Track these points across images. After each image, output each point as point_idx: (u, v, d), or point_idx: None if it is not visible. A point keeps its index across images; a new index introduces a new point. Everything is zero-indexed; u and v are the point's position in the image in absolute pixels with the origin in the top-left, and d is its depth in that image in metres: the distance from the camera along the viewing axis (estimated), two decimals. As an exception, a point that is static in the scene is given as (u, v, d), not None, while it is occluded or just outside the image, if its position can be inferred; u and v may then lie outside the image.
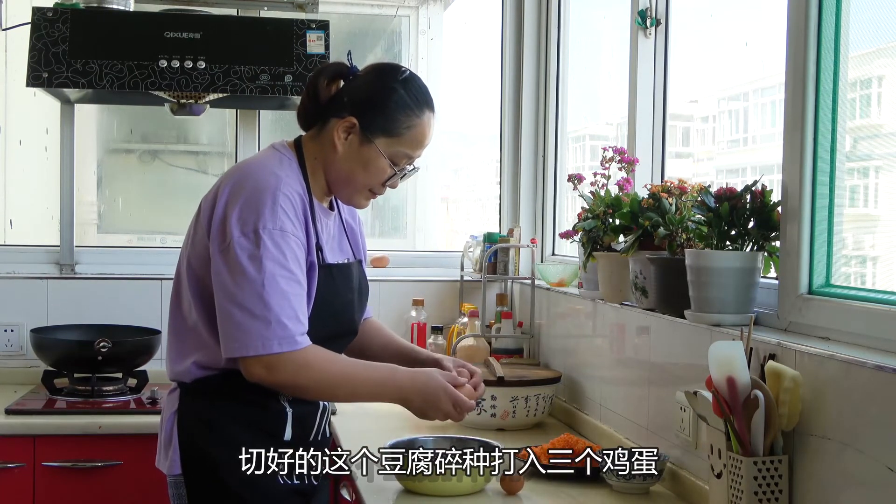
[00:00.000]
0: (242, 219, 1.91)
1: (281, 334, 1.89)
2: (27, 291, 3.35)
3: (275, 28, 3.18)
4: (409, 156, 2.07)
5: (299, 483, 2.08)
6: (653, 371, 2.37)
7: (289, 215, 1.93)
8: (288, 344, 1.89)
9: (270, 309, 1.88)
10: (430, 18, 4.29)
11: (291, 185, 1.98)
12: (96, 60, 3.02)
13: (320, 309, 2.03)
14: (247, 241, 1.89)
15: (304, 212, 1.99)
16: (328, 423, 2.21)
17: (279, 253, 1.90)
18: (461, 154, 4.81)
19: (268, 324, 1.88)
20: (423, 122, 2.05)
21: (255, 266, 1.88)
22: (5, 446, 2.77)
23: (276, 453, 1.99)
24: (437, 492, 2.13)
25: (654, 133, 2.80)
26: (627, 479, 2.15)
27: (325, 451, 2.14)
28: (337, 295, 2.09)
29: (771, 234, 2.04)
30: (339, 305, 2.10)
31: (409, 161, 2.08)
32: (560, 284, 3.17)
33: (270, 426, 2.05)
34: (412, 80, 2.08)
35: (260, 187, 1.94)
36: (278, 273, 1.89)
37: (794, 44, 1.96)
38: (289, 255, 1.92)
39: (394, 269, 3.68)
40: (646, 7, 2.75)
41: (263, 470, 1.98)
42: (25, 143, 3.96)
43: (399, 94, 2.04)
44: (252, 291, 1.88)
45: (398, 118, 2.03)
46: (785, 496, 1.78)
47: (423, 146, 2.08)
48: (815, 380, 1.72)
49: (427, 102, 2.07)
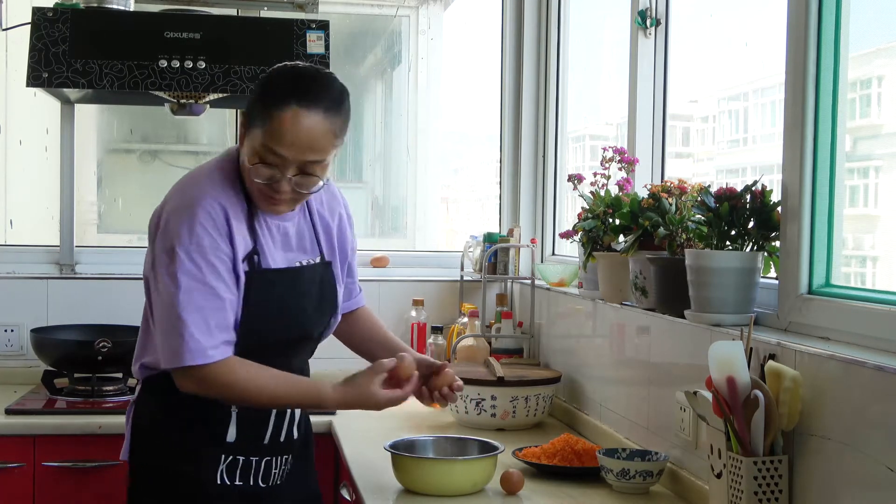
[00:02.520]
0: (163, 236, 1.99)
1: (193, 348, 1.94)
2: (27, 291, 3.35)
3: (275, 28, 3.18)
4: (274, 151, 1.93)
5: (242, 484, 2.10)
6: (653, 371, 2.37)
7: (207, 229, 1.97)
8: (199, 357, 1.95)
9: (185, 324, 1.94)
10: (430, 18, 4.28)
11: (215, 198, 1.99)
12: (96, 60, 3.02)
13: (257, 315, 2.03)
14: (165, 258, 1.97)
15: (229, 222, 1.99)
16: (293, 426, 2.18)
17: (195, 268, 1.95)
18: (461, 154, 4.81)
19: (181, 338, 1.94)
20: (283, 114, 1.92)
21: (172, 282, 1.96)
22: (5, 446, 2.77)
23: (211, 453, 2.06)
24: (437, 492, 2.13)
25: (654, 133, 2.80)
26: (627, 479, 2.15)
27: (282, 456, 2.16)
28: (276, 301, 2.06)
29: (771, 234, 2.04)
30: (282, 311, 2.07)
31: (280, 160, 1.94)
32: (560, 284, 3.17)
33: (212, 427, 2.07)
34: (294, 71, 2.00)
35: (181, 205, 1.99)
36: (194, 288, 1.95)
37: (794, 44, 1.96)
38: (206, 270, 1.96)
39: (394, 269, 3.67)
40: (646, 7, 2.75)
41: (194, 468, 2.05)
42: (25, 143, 3.96)
43: (270, 82, 1.99)
44: (169, 306, 1.96)
45: (263, 107, 1.94)
46: (785, 496, 1.78)
47: (287, 144, 1.93)
48: (815, 380, 1.72)
49: (296, 94, 1.93)
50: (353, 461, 2.42)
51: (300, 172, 1.97)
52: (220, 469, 2.08)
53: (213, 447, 2.07)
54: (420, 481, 2.15)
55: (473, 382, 2.77)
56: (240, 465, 2.09)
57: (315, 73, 2.01)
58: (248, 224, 2.03)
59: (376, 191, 4.31)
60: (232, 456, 2.09)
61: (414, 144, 4.27)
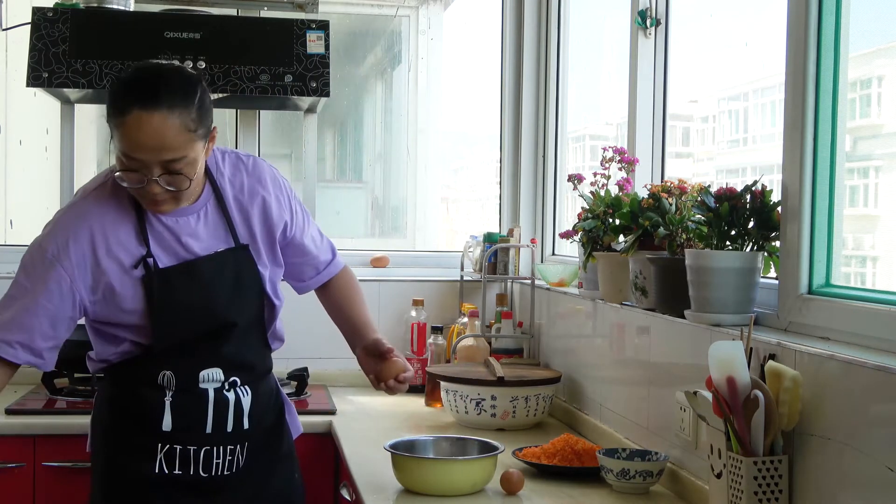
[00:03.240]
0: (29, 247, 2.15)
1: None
2: (27, 291, 3.34)
3: (275, 28, 3.18)
4: (128, 156, 1.94)
5: (181, 473, 2.12)
6: (653, 371, 2.37)
7: (56, 251, 2.06)
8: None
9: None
10: (430, 18, 4.29)
11: (82, 215, 2.07)
12: (96, 60, 3.02)
13: (161, 315, 2.07)
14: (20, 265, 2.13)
15: (93, 240, 2.05)
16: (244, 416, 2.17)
17: (28, 281, 2.08)
18: (461, 154, 4.81)
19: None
20: (127, 121, 1.91)
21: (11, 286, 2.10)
22: (5, 446, 2.77)
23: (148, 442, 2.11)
24: (437, 492, 2.13)
25: (654, 133, 2.80)
26: (627, 479, 2.15)
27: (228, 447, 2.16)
28: (180, 297, 2.08)
29: (771, 234, 2.04)
30: (185, 306, 2.09)
31: (136, 164, 1.95)
32: (560, 284, 3.17)
33: (147, 415, 2.12)
34: (128, 79, 1.98)
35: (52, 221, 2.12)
36: (18, 296, 2.07)
37: (794, 44, 1.96)
38: (36, 286, 2.06)
39: (394, 269, 3.68)
40: (646, 7, 2.75)
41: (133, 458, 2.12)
42: (25, 143, 3.96)
43: (112, 90, 1.98)
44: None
45: (111, 116, 1.95)
46: (785, 496, 1.78)
47: (136, 148, 1.93)
48: (815, 380, 1.72)
49: (135, 98, 1.92)
50: (353, 461, 2.42)
51: (165, 172, 1.97)
52: (159, 458, 2.12)
53: (150, 437, 2.12)
54: (420, 481, 2.14)
55: (473, 382, 2.77)
56: (178, 454, 2.12)
57: (156, 71, 2.00)
58: (138, 229, 2.07)
59: (376, 191, 4.31)
60: (169, 445, 2.12)
61: (414, 144, 4.27)
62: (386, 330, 3.50)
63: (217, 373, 2.13)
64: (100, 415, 2.21)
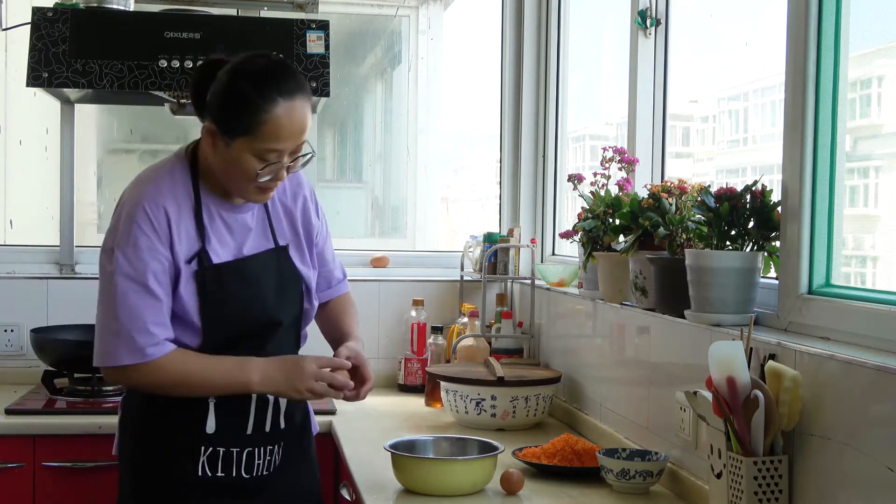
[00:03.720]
0: (105, 237, 2.07)
1: (130, 346, 1.99)
2: (27, 291, 3.35)
3: (275, 28, 3.18)
4: (275, 150, 1.98)
5: (224, 475, 2.11)
6: (653, 371, 2.37)
7: (145, 231, 2.01)
8: (137, 356, 2.00)
9: (121, 323, 2.00)
10: (430, 18, 4.28)
11: (158, 198, 2.03)
12: (96, 60, 3.02)
13: (214, 311, 2.07)
14: (105, 258, 2.03)
15: (170, 223, 2.03)
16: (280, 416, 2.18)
17: (131, 268, 2.00)
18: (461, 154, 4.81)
19: (118, 337, 2.00)
20: (275, 115, 1.95)
21: (109, 282, 2.02)
22: (5, 446, 2.77)
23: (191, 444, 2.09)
24: (437, 492, 2.13)
25: (654, 133, 2.80)
26: (627, 479, 2.15)
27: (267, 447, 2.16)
28: (232, 293, 2.08)
29: (771, 234, 2.04)
30: (237, 303, 2.09)
31: (279, 154, 1.99)
32: (560, 284, 3.17)
33: (191, 418, 2.10)
34: (260, 71, 1.98)
35: (123, 205, 2.06)
36: (129, 288, 2.00)
37: (794, 44, 1.96)
38: (141, 270, 2.00)
39: (394, 269, 3.67)
40: (646, 7, 2.75)
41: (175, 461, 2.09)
42: (25, 143, 3.96)
43: (243, 90, 1.96)
44: (107, 307, 2.02)
45: (246, 116, 1.96)
46: (785, 496, 1.78)
47: (287, 138, 1.97)
48: (815, 380, 1.72)
49: (280, 91, 1.95)
50: (353, 461, 2.42)
51: (292, 156, 2.03)
52: (201, 461, 2.10)
53: (193, 439, 2.10)
54: (420, 481, 2.14)
55: (473, 382, 2.77)
56: (221, 457, 2.11)
57: (273, 61, 2.02)
58: (197, 223, 2.07)
59: (376, 191, 4.31)
60: (212, 447, 2.10)
61: (414, 144, 4.27)
62: (386, 330, 3.52)
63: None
64: (133, 417, 2.15)
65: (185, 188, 2.07)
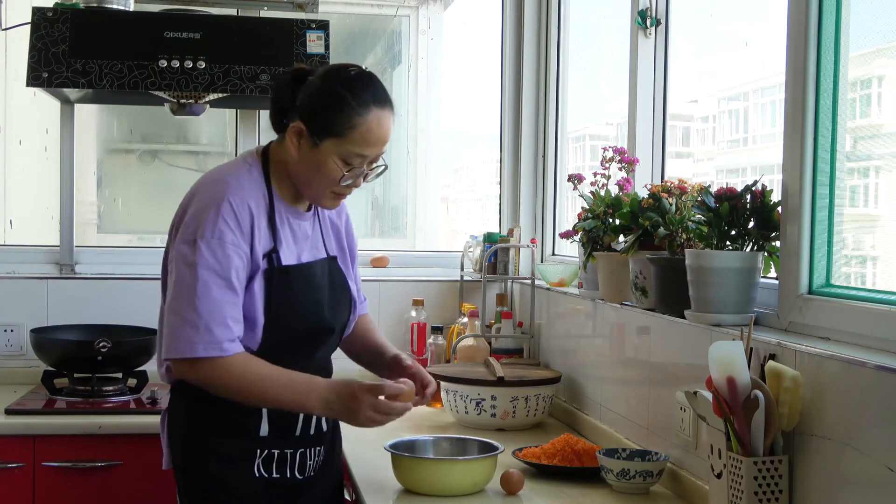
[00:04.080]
0: (186, 228, 2.03)
1: (207, 339, 1.97)
2: (27, 291, 3.35)
3: (275, 28, 3.18)
4: (361, 155, 2.04)
5: (279, 477, 2.13)
6: (653, 371, 2.37)
7: (229, 224, 2.01)
8: (214, 350, 1.98)
9: (200, 315, 1.97)
10: (430, 18, 4.29)
11: (241, 195, 2.04)
12: (96, 60, 3.02)
13: (280, 312, 2.08)
14: (186, 249, 2.01)
15: (252, 221, 2.04)
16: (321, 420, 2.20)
17: (214, 261, 1.99)
18: (461, 154, 4.81)
19: (196, 329, 1.97)
20: (368, 121, 2.02)
21: (190, 273, 1.99)
22: (5, 446, 2.77)
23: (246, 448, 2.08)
24: (437, 492, 2.13)
25: (654, 133, 2.80)
26: (627, 479, 2.15)
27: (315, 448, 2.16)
28: (297, 298, 2.10)
29: (771, 234, 2.04)
30: (300, 306, 2.11)
31: (363, 160, 2.05)
32: (560, 284, 3.17)
33: (245, 422, 2.10)
34: (356, 77, 2.06)
35: (207, 198, 2.04)
36: (211, 280, 1.98)
37: (794, 44, 1.96)
38: (224, 263, 1.99)
39: (394, 269, 3.67)
40: (646, 7, 2.75)
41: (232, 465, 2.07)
42: (25, 143, 3.96)
43: (339, 93, 2.02)
44: (185, 298, 1.99)
45: (340, 118, 2.02)
46: (785, 496, 1.78)
47: (374, 144, 2.04)
48: (815, 380, 1.72)
49: (374, 99, 2.03)
50: (353, 461, 2.42)
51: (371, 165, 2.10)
52: (257, 463, 2.11)
53: (248, 442, 2.09)
54: (420, 481, 2.15)
55: (473, 382, 2.77)
56: (275, 459, 2.12)
57: (369, 73, 2.10)
58: (270, 224, 2.09)
59: (376, 191, 4.31)
60: (267, 450, 2.11)
61: (414, 144, 4.27)
62: (386, 330, 3.51)
63: None
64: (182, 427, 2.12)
65: (261, 189, 2.10)
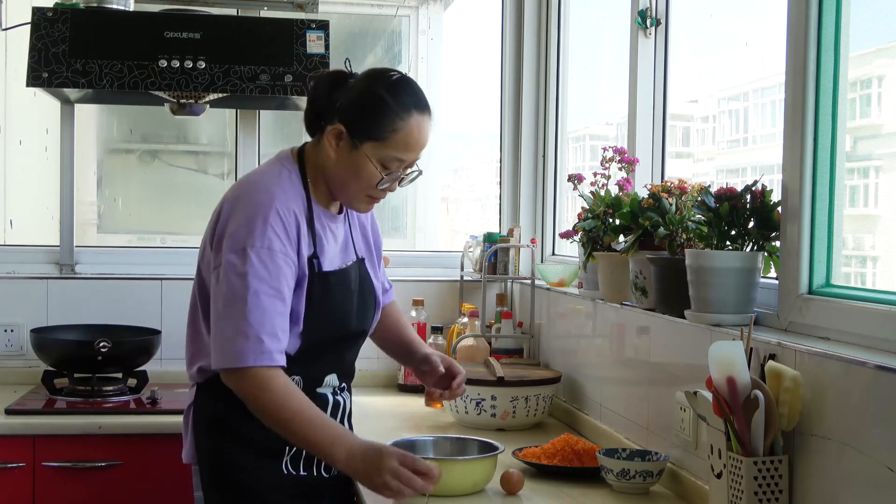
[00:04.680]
0: (234, 237, 2.00)
1: (257, 349, 1.96)
2: (27, 291, 3.35)
3: (275, 28, 3.18)
4: (400, 159, 2.06)
5: (306, 475, 2.14)
6: (653, 371, 2.37)
7: (278, 234, 2.00)
8: (264, 359, 1.96)
9: (251, 325, 1.96)
10: (430, 18, 4.28)
11: (287, 202, 2.04)
12: (96, 60, 3.02)
13: (317, 317, 2.09)
14: (236, 259, 1.98)
15: (298, 227, 2.05)
16: (345, 419, 2.23)
17: (265, 271, 1.98)
18: (461, 154, 4.81)
19: (247, 338, 1.96)
20: (409, 125, 2.04)
21: (241, 283, 1.97)
22: (5, 446, 2.77)
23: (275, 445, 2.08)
24: (437, 492, 2.13)
25: (654, 133, 2.80)
26: (627, 479, 2.15)
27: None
28: (333, 303, 2.12)
29: (771, 234, 2.04)
30: (336, 312, 2.14)
31: (400, 164, 2.07)
32: (560, 284, 3.17)
33: None
34: (399, 82, 2.07)
35: (253, 206, 2.02)
36: (262, 290, 1.98)
37: (794, 44, 1.96)
38: (274, 273, 1.99)
39: (394, 269, 3.66)
40: (646, 7, 2.75)
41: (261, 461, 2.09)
42: (25, 143, 3.96)
43: (382, 97, 2.04)
44: (235, 308, 1.97)
45: (382, 122, 2.03)
46: (785, 496, 1.78)
47: (414, 149, 2.07)
48: (815, 380, 1.72)
49: (416, 104, 2.05)
50: (353, 461, 2.42)
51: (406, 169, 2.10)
52: (285, 461, 2.12)
53: (276, 440, 2.07)
54: (420, 481, 2.14)
55: (473, 382, 2.76)
56: (303, 456, 2.13)
57: (410, 79, 2.11)
58: (310, 228, 2.10)
59: (376, 191, 4.30)
60: (296, 448, 2.11)
61: (414, 144, 4.26)
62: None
63: (334, 378, 2.18)
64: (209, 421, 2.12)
65: (301, 193, 2.10)
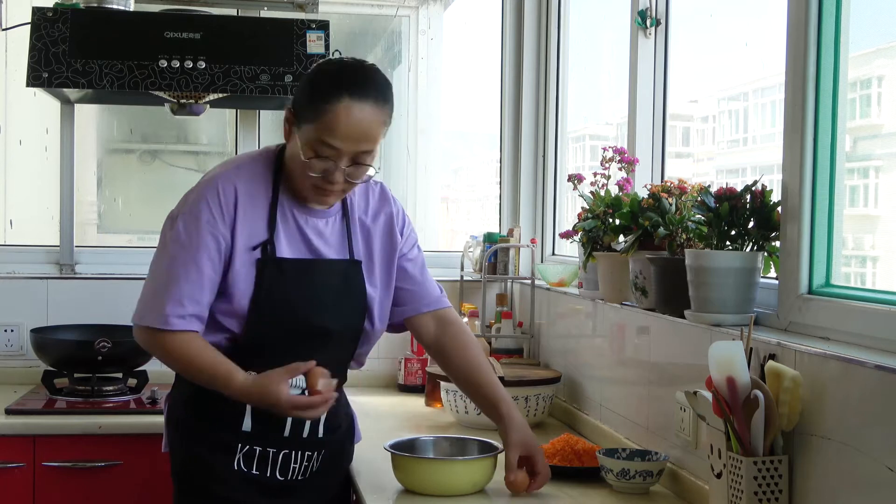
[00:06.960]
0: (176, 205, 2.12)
1: (156, 310, 2.03)
2: (27, 291, 3.35)
3: (275, 28, 3.18)
4: (329, 144, 2.00)
5: (259, 475, 2.13)
6: (653, 371, 2.37)
7: (210, 206, 2.06)
8: (158, 321, 2.03)
9: (157, 286, 2.05)
10: (430, 18, 4.28)
11: (232, 180, 2.09)
12: (96, 60, 3.02)
13: (265, 303, 2.08)
14: (167, 225, 2.10)
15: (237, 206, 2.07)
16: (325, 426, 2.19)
17: (186, 238, 2.05)
18: (461, 154, 4.81)
19: (152, 298, 2.04)
20: (335, 108, 1.98)
21: (162, 248, 2.08)
22: (5, 446, 2.77)
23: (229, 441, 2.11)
24: (437, 492, 2.13)
25: (654, 133, 2.80)
26: (627, 479, 2.15)
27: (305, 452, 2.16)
28: (288, 290, 2.10)
29: (771, 234, 2.04)
30: (291, 301, 2.10)
31: (334, 153, 2.01)
32: (560, 284, 3.17)
33: (229, 415, 2.11)
34: (344, 67, 2.06)
35: (200, 184, 2.12)
36: (178, 256, 2.04)
37: (794, 44, 1.96)
38: (195, 241, 2.04)
39: (394, 269, 3.67)
40: (646, 7, 2.75)
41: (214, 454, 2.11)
42: (25, 143, 3.96)
43: (315, 77, 2.06)
44: (153, 268, 2.09)
45: (312, 102, 2.01)
46: (785, 496, 1.78)
47: (344, 137, 1.99)
48: (815, 380, 1.72)
49: (351, 88, 1.99)
50: (354, 461, 2.42)
51: (353, 163, 2.04)
52: (238, 457, 2.12)
53: (231, 436, 2.11)
54: (420, 481, 2.14)
55: (473, 382, 2.76)
56: (256, 456, 2.13)
57: (362, 65, 2.09)
58: (269, 215, 2.10)
59: (376, 191, 4.30)
60: (248, 446, 2.12)
61: (414, 144, 4.27)
62: (386, 330, 3.51)
63: (300, 380, 2.07)
64: (178, 412, 2.18)
65: (264, 179, 2.12)
